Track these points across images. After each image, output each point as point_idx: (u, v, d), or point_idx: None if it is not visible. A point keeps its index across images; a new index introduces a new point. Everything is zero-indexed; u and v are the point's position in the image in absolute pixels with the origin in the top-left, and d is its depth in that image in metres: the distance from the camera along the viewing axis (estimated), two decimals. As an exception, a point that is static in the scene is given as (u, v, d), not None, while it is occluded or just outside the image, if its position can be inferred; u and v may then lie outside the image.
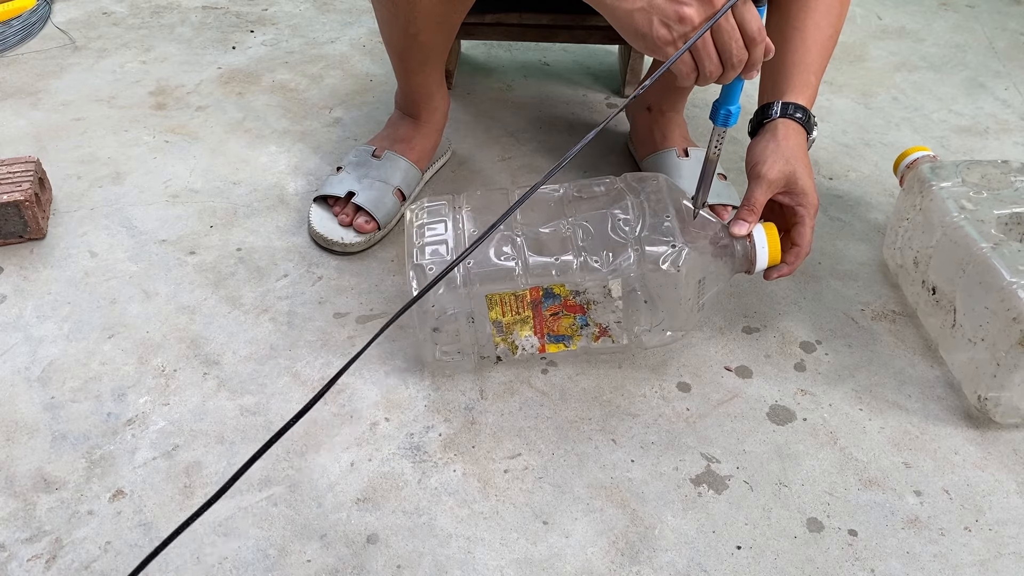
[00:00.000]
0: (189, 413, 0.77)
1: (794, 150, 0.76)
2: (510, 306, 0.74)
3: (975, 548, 0.68)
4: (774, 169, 0.75)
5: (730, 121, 0.71)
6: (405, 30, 0.89)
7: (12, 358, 0.81)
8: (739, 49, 0.62)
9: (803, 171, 0.76)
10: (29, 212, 0.92)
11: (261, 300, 0.89)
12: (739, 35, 0.62)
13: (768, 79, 0.82)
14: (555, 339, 0.77)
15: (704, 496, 0.71)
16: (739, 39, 0.62)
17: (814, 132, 0.80)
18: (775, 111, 0.78)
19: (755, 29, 0.62)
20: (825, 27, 0.80)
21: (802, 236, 0.76)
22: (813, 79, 0.80)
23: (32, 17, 1.38)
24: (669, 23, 0.62)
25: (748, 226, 0.74)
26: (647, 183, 0.78)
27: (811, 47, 0.80)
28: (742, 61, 0.63)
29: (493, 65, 1.35)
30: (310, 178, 1.06)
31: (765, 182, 0.75)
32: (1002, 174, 0.84)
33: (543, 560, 0.66)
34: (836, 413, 0.79)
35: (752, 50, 0.63)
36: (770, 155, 0.75)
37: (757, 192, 0.75)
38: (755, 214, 0.75)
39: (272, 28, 1.43)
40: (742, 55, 0.63)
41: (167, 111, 1.20)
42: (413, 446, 0.75)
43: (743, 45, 0.63)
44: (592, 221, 0.75)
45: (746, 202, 0.75)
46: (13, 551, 0.66)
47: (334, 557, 0.66)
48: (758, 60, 0.64)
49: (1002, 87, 1.33)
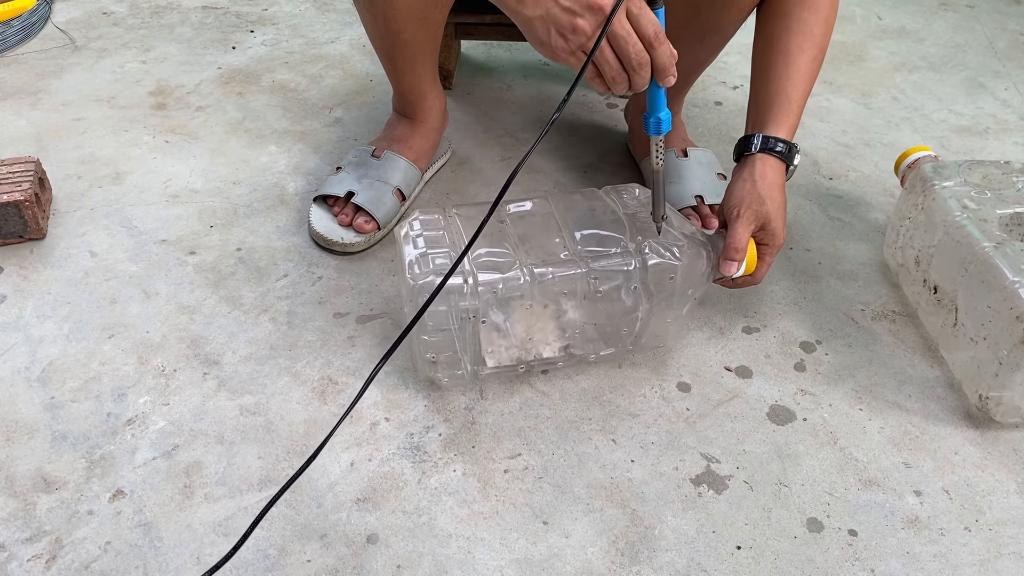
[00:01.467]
0: (189, 413, 0.77)
1: (769, 189, 0.78)
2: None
3: (975, 548, 0.68)
4: (750, 211, 0.77)
5: (662, 129, 0.70)
6: (387, 29, 0.90)
7: (12, 358, 0.81)
8: (637, 53, 0.63)
9: (776, 211, 0.78)
10: (29, 212, 0.92)
11: (261, 300, 0.89)
12: (636, 40, 0.62)
13: (752, 105, 0.84)
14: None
15: (704, 496, 0.71)
16: (636, 43, 0.62)
17: (795, 161, 0.82)
18: (755, 145, 0.80)
19: (651, 33, 0.62)
20: (808, 48, 0.82)
21: (759, 271, 0.79)
22: (795, 107, 0.81)
23: (32, 17, 1.38)
24: (565, 34, 0.63)
25: (738, 265, 0.76)
26: (628, 202, 0.80)
27: (793, 73, 0.81)
28: (642, 64, 0.63)
29: (493, 65, 1.35)
30: (310, 178, 1.06)
31: (743, 224, 0.77)
32: (1004, 174, 0.84)
33: (543, 560, 0.66)
34: (836, 413, 0.79)
35: (653, 53, 0.63)
36: (747, 197, 0.78)
37: (741, 233, 0.77)
38: (742, 252, 0.77)
39: (272, 28, 1.43)
40: (641, 58, 0.63)
41: (167, 111, 1.20)
42: (413, 446, 0.74)
43: (641, 49, 0.63)
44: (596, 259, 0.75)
45: (731, 241, 0.77)
46: (13, 551, 0.66)
47: (334, 557, 0.66)
48: (664, 63, 0.64)
49: (1002, 87, 1.33)
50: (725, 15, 0.87)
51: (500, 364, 0.77)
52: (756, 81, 0.84)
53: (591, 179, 1.09)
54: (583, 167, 1.11)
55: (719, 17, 0.88)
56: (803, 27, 0.82)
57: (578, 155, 1.13)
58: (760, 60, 0.84)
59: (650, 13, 0.63)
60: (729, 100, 1.28)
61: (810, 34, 0.82)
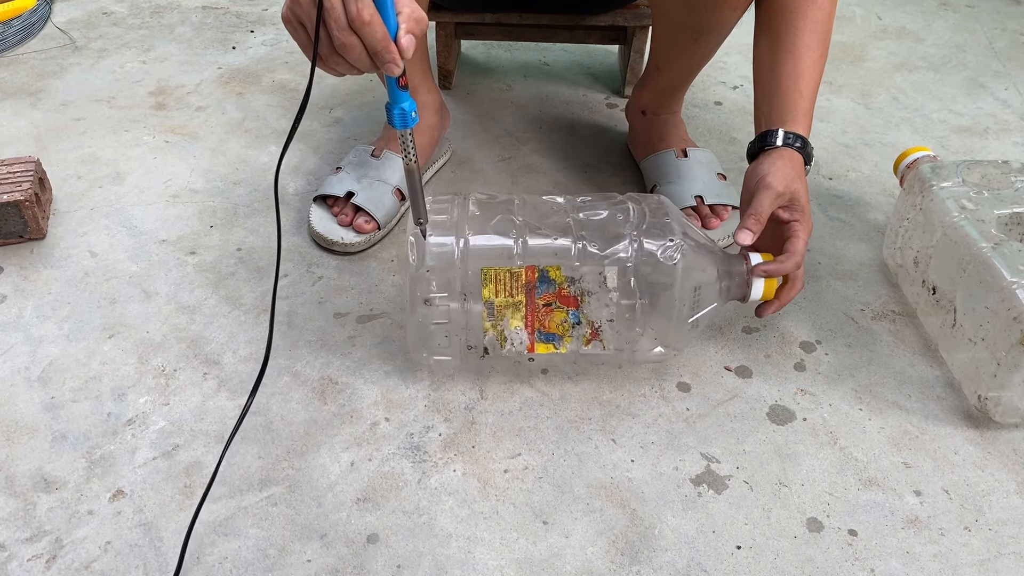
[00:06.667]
0: (189, 413, 0.77)
1: (798, 172, 0.78)
2: (504, 284, 0.74)
3: (975, 548, 0.68)
4: (782, 182, 0.76)
5: (408, 122, 0.63)
6: None
7: (12, 358, 0.81)
8: (339, 32, 0.58)
9: (804, 193, 0.78)
10: (29, 212, 0.92)
11: (261, 300, 0.89)
12: (340, 15, 0.58)
13: (764, 102, 0.83)
14: (545, 337, 0.76)
15: (704, 496, 0.71)
16: (339, 19, 0.57)
17: (811, 162, 0.82)
18: (778, 139, 0.80)
19: (352, 11, 0.57)
20: (815, 46, 0.81)
21: (795, 245, 0.76)
22: (808, 105, 0.81)
23: (32, 17, 1.38)
24: (291, 4, 0.60)
25: (753, 235, 0.74)
26: (648, 197, 0.79)
27: (803, 71, 0.81)
28: (345, 45, 0.58)
29: (493, 65, 1.35)
30: (310, 178, 1.06)
31: (773, 192, 0.76)
32: (1002, 174, 0.84)
33: (543, 560, 0.66)
34: (836, 413, 0.79)
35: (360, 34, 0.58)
36: (776, 169, 0.77)
37: (765, 201, 0.75)
38: (760, 223, 0.75)
39: (272, 28, 1.43)
40: (345, 38, 0.58)
41: (167, 111, 1.20)
42: (413, 446, 0.75)
43: (345, 27, 0.58)
44: (593, 217, 0.76)
45: (752, 211, 0.75)
46: (13, 551, 0.66)
47: (334, 557, 0.66)
48: (376, 47, 0.58)
49: (1002, 87, 1.33)
50: (719, 14, 0.87)
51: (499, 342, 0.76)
52: (764, 80, 0.84)
53: (591, 179, 1.09)
54: (583, 167, 1.11)
55: (713, 16, 0.88)
56: (808, 24, 0.81)
57: (578, 155, 1.13)
58: (767, 59, 0.83)
59: None
60: (729, 100, 1.28)
61: (815, 31, 0.81)
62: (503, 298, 0.74)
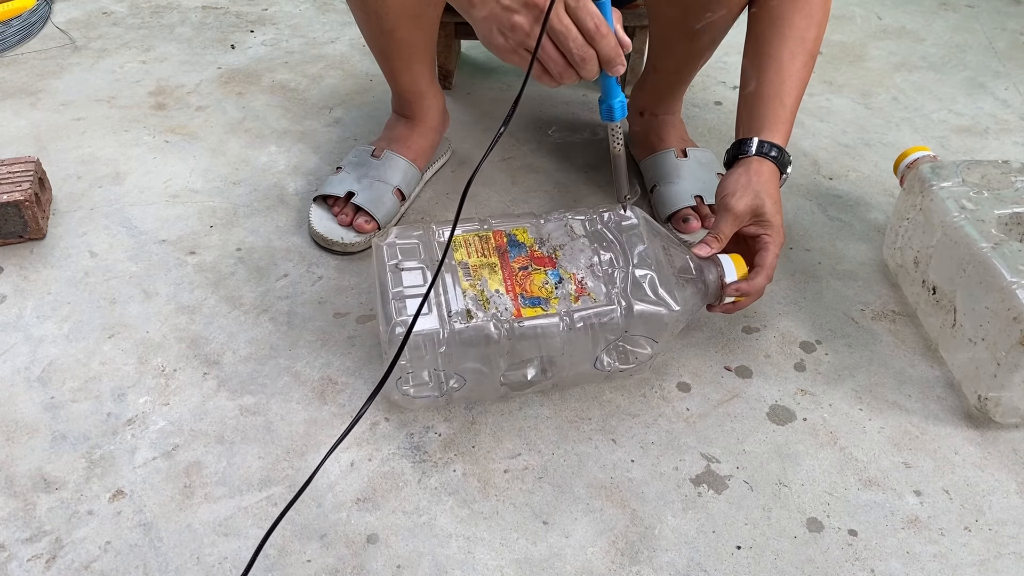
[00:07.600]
0: (189, 413, 0.77)
1: (765, 185, 0.78)
2: (475, 247, 0.74)
3: (975, 548, 0.68)
4: (742, 202, 0.77)
5: (614, 116, 0.71)
6: (380, 28, 0.90)
7: (12, 358, 0.81)
8: (579, 47, 0.63)
9: (771, 206, 0.78)
10: (29, 212, 0.92)
11: (261, 300, 0.89)
12: (576, 34, 0.62)
13: (744, 109, 0.84)
14: (530, 302, 0.74)
15: (704, 496, 0.71)
16: (577, 38, 0.62)
17: (788, 170, 0.82)
18: (751, 148, 0.80)
19: (591, 27, 0.62)
20: (800, 54, 0.81)
21: (764, 259, 0.77)
22: (788, 114, 0.81)
23: (32, 17, 1.38)
24: (505, 31, 0.63)
25: (711, 249, 0.77)
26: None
27: (786, 78, 0.81)
28: (585, 59, 0.63)
29: (493, 65, 1.35)
30: (310, 178, 1.06)
31: (732, 215, 0.77)
32: (1002, 174, 0.84)
33: (543, 560, 0.66)
34: (836, 413, 0.79)
35: (596, 46, 0.63)
36: (740, 188, 0.78)
37: (723, 224, 0.77)
38: (720, 243, 0.77)
39: (272, 28, 1.43)
40: (584, 52, 0.63)
41: (167, 111, 1.20)
42: (413, 446, 0.75)
43: (583, 43, 0.63)
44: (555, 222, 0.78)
45: (713, 231, 0.77)
46: (13, 551, 0.66)
47: (334, 557, 0.66)
48: (611, 55, 0.64)
49: (1002, 87, 1.33)
50: (712, 15, 0.87)
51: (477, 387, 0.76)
52: (748, 86, 0.84)
53: (591, 179, 1.09)
54: (583, 167, 1.11)
55: (707, 17, 0.88)
56: (795, 32, 0.81)
57: (578, 155, 1.13)
58: (752, 65, 0.84)
59: (589, 5, 0.62)
60: (729, 100, 1.28)
61: (802, 39, 0.81)
62: (476, 258, 0.74)
